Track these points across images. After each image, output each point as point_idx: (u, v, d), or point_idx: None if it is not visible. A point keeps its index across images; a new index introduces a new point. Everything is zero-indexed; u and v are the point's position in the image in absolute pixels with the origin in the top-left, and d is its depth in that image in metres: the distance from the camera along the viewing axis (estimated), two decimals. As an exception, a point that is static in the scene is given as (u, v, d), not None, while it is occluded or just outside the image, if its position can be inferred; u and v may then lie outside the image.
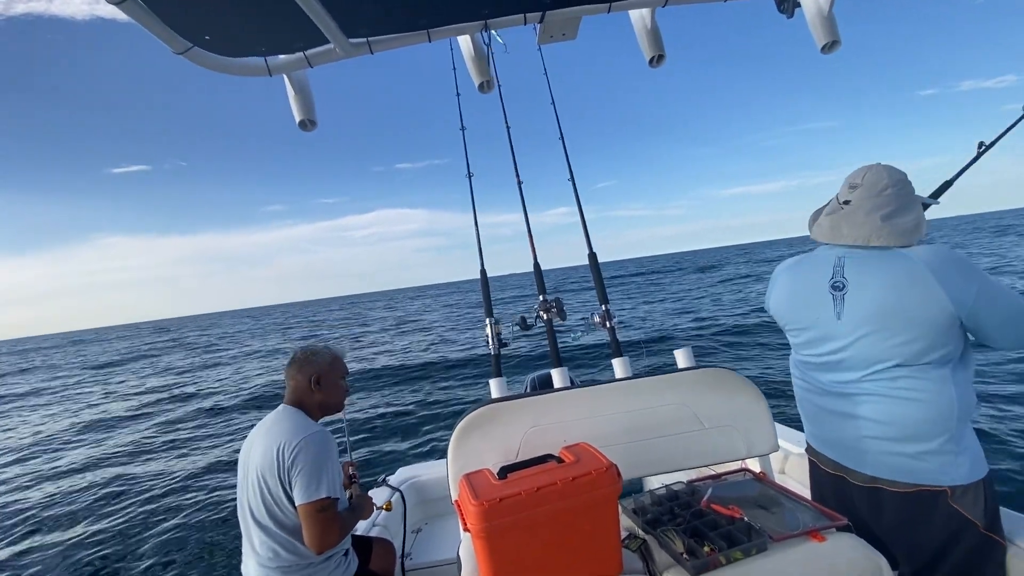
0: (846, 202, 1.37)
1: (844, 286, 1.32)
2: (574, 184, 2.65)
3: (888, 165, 1.35)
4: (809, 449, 1.53)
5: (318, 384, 1.78)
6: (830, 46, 2.01)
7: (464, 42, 2.11)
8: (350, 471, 2.05)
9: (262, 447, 1.65)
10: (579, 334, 2.52)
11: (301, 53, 1.86)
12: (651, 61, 2.18)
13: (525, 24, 1.94)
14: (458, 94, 2.71)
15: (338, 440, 1.79)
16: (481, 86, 2.22)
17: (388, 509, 2.20)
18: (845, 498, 1.37)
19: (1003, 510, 1.31)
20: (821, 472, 1.47)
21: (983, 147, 1.68)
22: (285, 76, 1.98)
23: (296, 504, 1.58)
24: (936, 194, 1.64)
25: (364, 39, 1.86)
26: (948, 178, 1.68)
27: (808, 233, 1.50)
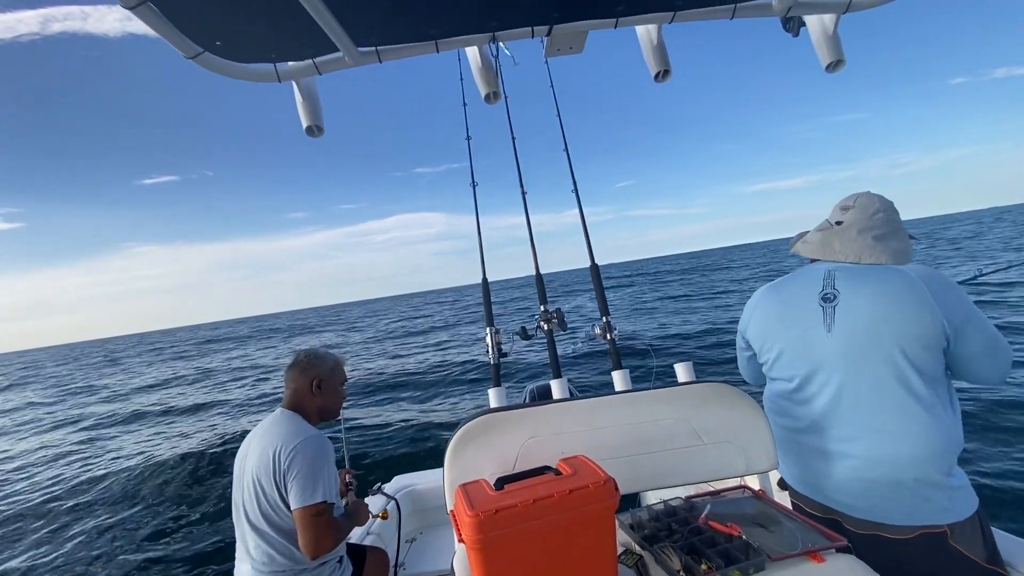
0: (838, 222, 1.37)
1: (835, 297, 1.28)
2: (578, 196, 2.67)
3: (878, 193, 1.38)
4: (791, 492, 1.47)
5: (319, 388, 1.77)
6: (835, 65, 2.03)
7: (472, 53, 2.14)
8: (347, 479, 2.04)
9: (258, 450, 1.64)
10: (580, 345, 2.52)
11: (311, 60, 1.89)
12: (656, 76, 2.20)
13: (532, 37, 1.96)
14: (464, 104, 2.74)
15: (335, 448, 1.79)
16: (487, 97, 2.24)
17: (384, 518, 2.18)
18: None
19: (998, 534, 1.28)
20: (807, 515, 1.41)
21: (979, 275, 1.62)
22: (294, 82, 2.01)
23: (291, 508, 1.57)
24: None
25: (373, 48, 1.89)
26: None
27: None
